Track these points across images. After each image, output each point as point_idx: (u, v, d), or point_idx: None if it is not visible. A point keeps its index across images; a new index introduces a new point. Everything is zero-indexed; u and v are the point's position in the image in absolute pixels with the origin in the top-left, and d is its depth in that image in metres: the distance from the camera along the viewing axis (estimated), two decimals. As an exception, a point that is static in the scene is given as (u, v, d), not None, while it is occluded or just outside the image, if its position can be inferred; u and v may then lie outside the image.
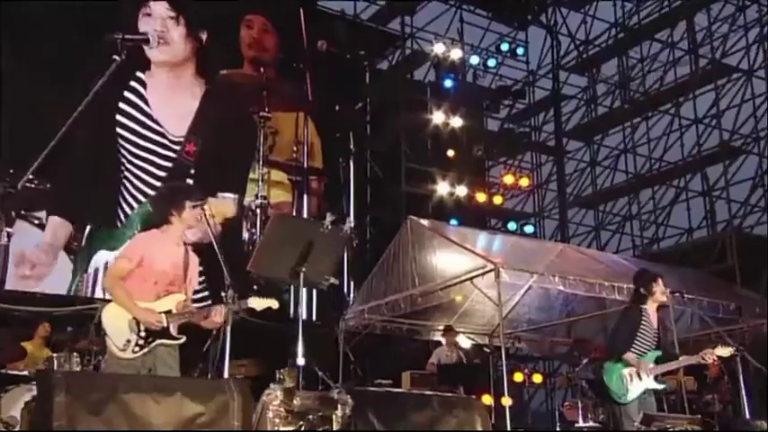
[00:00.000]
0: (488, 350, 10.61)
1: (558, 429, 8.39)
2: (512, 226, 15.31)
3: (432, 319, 10.97)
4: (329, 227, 3.90)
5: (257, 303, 4.34)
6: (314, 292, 12.60)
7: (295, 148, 13.16)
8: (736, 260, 12.58)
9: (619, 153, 17.24)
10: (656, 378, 5.67)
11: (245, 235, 11.89)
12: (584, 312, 10.84)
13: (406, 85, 15.39)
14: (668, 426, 4.44)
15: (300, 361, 3.83)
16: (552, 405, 14.16)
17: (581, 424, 8.76)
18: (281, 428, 2.82)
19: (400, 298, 9.31)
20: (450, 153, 15.20)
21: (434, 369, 9.44)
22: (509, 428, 7.15)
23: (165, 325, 4.41)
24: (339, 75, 14.32)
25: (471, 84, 16.37)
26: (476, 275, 8.30)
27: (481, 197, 15.05)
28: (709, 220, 15.06)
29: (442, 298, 8.91)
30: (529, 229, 15.48)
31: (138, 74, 11.90)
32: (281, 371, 8.61)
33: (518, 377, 14.36)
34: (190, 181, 11.26)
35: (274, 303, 4.35)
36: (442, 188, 14.57)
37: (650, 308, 5.78)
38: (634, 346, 5.68)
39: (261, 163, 12.48)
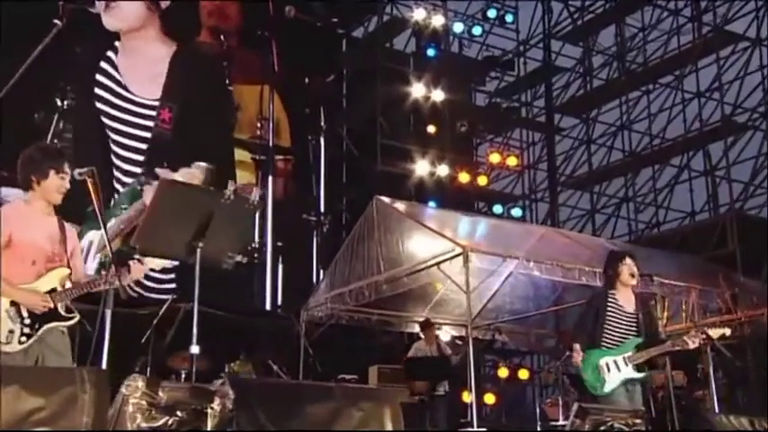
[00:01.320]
0: (460, 342, 10.47)
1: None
2: (497, 209, 15.15)
3: (404, 309, 10.82)
4: (232, 196, 3.67)
5: (153, 265, 4.11)
6: (278, 280, 12.48)
7: (259, 125, 12.98)
8: (737, 245, 12.44)
9: (615, 130, 17.06)
10: (637, 367, 5.51)
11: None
12: (575, 301, 10.64)
13: (385, 55, 15.16)
14: (607, 419, 4.28)
15: (194, 349, 3.60)
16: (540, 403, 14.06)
17: (561, 422, 8.63)
18: (143, 425, 2.61)
19: (364, 285, 9.16)
20: (432, 129, 15.00)
21: (409, 366, 9.31)
22: (475, 428, 7.00)
23: (53, 305, 4.17)
24: (309, 44, 14.07)
25: (456, 54, 16.16)
26: (443, 260, 8.12)
27: (464, 177, 14.85)
28: (711, 203, 14.91)
29: (408, 285, 8.71)
30: (516, 212, 15.33)
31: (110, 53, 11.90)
32: (231, 365, 8.52)
33: (503, 373, 14.27)
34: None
35: (158, 264, 4.12)
36: (422, 167, 14.38)
37: (620, 291, 5.62)
38: (606, 334, 5.52)
39: (220, 140, 12.38)
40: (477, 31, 15.66)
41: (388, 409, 3.05)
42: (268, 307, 12.31)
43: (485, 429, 7.00)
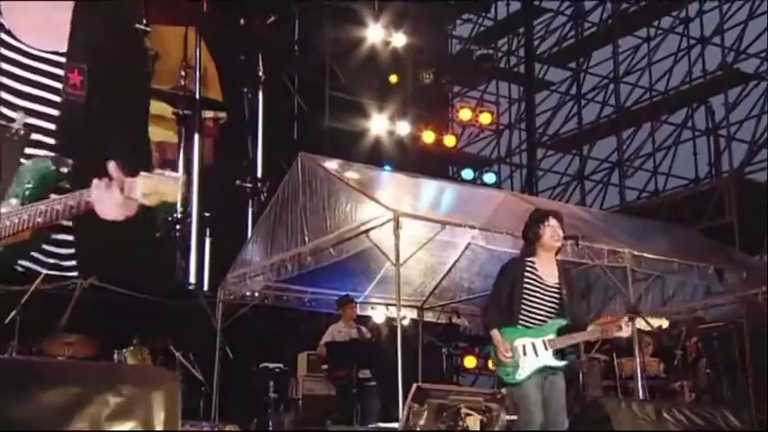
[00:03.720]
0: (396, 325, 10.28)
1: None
2: (467, 174, 14.89)
3: (344, 287, 10.57)
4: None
5: None
6: (205, 256, 12.22)
7: (183, 74, 12.58)
8: (735, 215, 12.23)
9: (607, 83, 16.74)
10: (558, 354, 5.24)
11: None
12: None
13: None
14: (453, 404, 4.01)
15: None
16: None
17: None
18: None
19: (287, 258, 8.88)
20: (392, 80, 14.66)
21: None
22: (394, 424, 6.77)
23: None
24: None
25: (422, -9, 15.74)
26: (371, 228, 7.85)
27: (429, 137, 14.58)
28: (714, 168, 14.66)
29: (334, 257, 8.42)
30: (490, 178, 15.09)
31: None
32: (123, 351, 8.26)
33: (470, 362, 14.14)
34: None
35: None
36: (379, 124, 14.06)
37: (541, 259, 5.36)
38: (524, 310, 5.23)
39: (134, 92, 11.90)
40: (446, -36, 15.31)
41: (161, 395, 2.76)
42: (192, 287, 12.04)
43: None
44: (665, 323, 5.34)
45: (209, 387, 8.74)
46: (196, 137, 12.54)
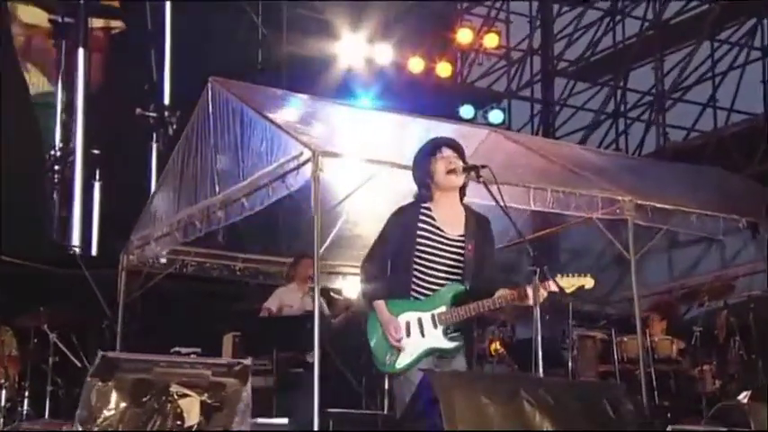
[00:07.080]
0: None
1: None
2: (467, 111, 14.40)
3: (284, 250, 10.34)
4: None
5: None
6: (93, 206, 11.92)
7: (64, -30, 12.26)
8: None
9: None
10: (447, 331, 4.79)
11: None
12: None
13: None
14: (158, 378, 3.54)
15: None
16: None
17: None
18: None
19: (195, 213, 8.58)
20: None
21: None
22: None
23: None
24: None
25: None
26: (288, 171, 7.48)
27: (416, 65, 14.16)
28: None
29: (247, 210, 8.06)
30: (496, 116, 14.55)
31: None
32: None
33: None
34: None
35: None
36: (353, 49, 13.62)
37: (440, 204, 4.99)
38: (417, 272, 4.86)
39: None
40: None
41: None
42: (77, 247, 11.68)
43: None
44: (589, 282, 4.80)
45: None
46: (81, 51, 12.20)
